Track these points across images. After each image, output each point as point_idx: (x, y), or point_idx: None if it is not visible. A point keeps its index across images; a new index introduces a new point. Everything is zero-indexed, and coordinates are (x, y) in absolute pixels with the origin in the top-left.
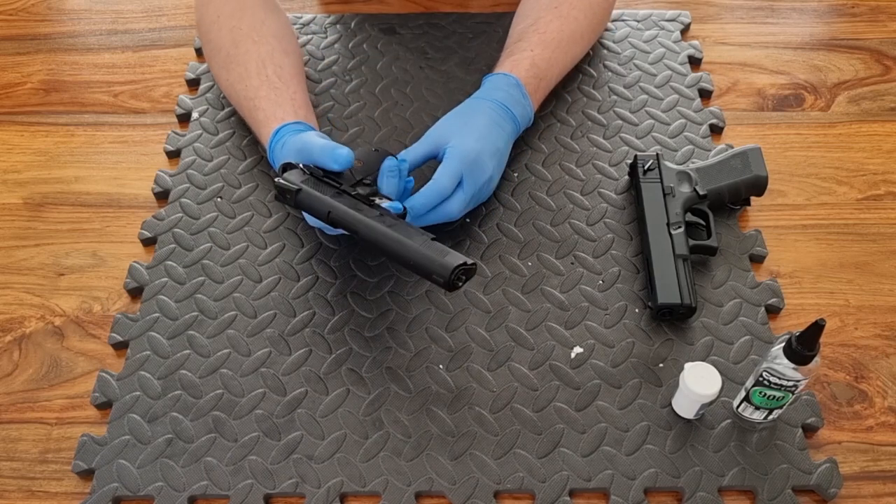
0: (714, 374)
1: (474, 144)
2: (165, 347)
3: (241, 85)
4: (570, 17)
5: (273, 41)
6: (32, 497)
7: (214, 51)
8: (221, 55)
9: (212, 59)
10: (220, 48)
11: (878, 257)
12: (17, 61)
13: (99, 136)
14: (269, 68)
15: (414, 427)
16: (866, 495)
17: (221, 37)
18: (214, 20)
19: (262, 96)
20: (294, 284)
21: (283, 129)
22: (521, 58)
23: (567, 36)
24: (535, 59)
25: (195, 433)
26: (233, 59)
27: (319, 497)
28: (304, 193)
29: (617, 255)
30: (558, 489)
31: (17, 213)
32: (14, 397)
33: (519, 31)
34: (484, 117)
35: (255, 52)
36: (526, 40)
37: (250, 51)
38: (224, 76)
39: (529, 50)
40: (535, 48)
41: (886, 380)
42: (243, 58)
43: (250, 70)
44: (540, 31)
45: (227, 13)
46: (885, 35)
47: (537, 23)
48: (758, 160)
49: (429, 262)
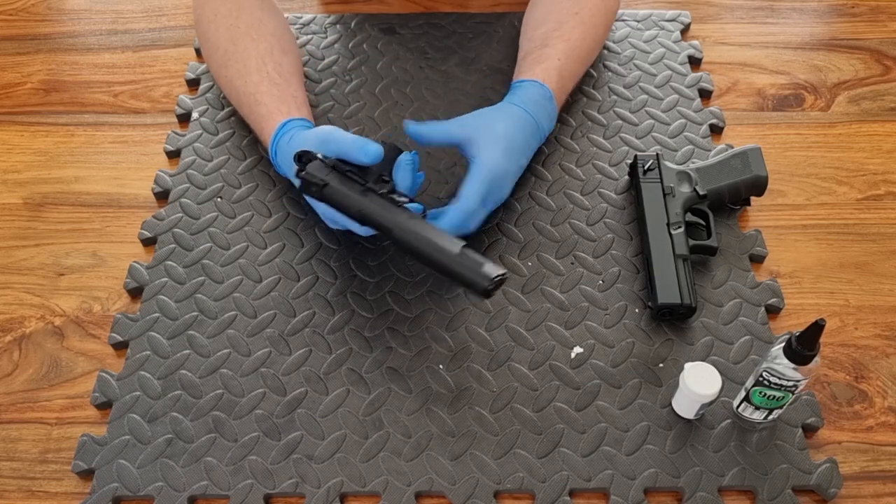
0: (714, 374)
1: (503, 163)
2: (165, 347)
3: (240, 81)
4: (591, 23)
5: (272, 39)
6: (32, 497)
7: (212, 49)
8: (219, 53)
9: (210, 58)
10: (218, 46)
11: (878, 257)
12: (17, 61)
13: (99, 136)
14: (268, 65)
15: (414, 427)
16: (866, 495)
17: (219, 35)
18: (212, 19)
19: (263, 91)
20: (294, 284)
21: (289, 124)
22: (550, 67)
23: (588, 45)
24: (562, 70)
25: (195, 433)
26: (231, 57)
27: (319, 497)
28: (332, 188)
29: (617, 255)
30: (558, 489)
31: (17, 213)
32: (14, 397)
33: (541, 34)
34: (520, 133)
35: (253, 50)
36: (552, 47)
37: (249, 48)
38: (223, 73)
39: (557, 59)
40: (562, 57)
41: (886, 380)
42: (242, 55)
43: (250, 66)
44: (564, 38)
45: (224, 12)
46: (885, 35)
47: (560, 28)
48: (758, 160)
49: (467, 272)
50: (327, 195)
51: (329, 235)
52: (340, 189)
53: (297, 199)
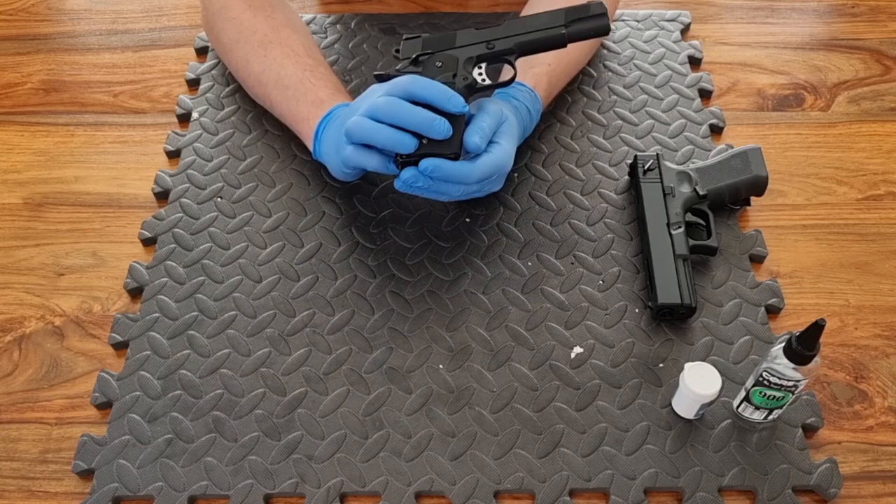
0: (714, 374)
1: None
2: (165, 347)
3: (288, 61)
4: None
5: (309, 38)
6: (32, 497)
7: (248, 32)
8: (258, 35)
9: (242, 39)
10: (257, 30)
11: (878, 257)
12: (17, 61)
13: (99, 136)
14: (313, 56)
15: (414, 427)
16: (866, 495)
17: (257, 21)
18: (246, 8)
19: (321, 72)
20: (294, 284)
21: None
22: (541, 72)
23: (579, 48)
24: (551, 76)
25: (195, 433)
26: (273, 41)
27: (319, 497)
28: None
29: (617, 255)
30: (558, 489)
31: (17, 213)
32: (14, 397)
33: None
34: (517, 130)
35: (297, 39)
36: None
37: (292, 37)
38: (261, 52)
39: (547, 64)
40: (552, 62)
41: (886, 380)
42: (287, 41)
43: (298, 51)
44: None
45: (259, 5)
46: (885, 35)
47: None
48: (758, 160)
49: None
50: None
51: (329, 235)
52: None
53: (298, 199)
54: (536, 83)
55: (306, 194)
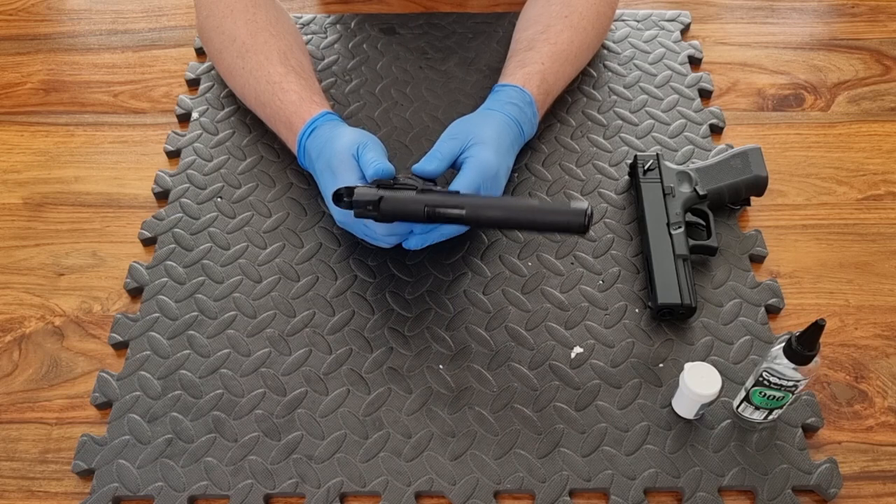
0: (714, 374)
1: (494, 160)
2: (165, 347)
3: (261, 71)
4: (580, 27)
5: (290, 38)
6: (32, 497)
7: (228, 41)
8: (237, 44)
9: (224, 50)
10: (235, 38)
11: (878, 257)
12: (17, 61)
13: (99, 136)
14: (292, 60)
15: (414, 427)
16: (866, 495)
17: (237, 27)
18: (227, 13)
19: (292, 80)
20: (294, 284)
21: (321, 118)
22: (533, 71)
23: (576, 48)
24: (546, 74)
25: (195, 433)
26: (250, 49)
27: (319, 497)
28: (389, 198)
29: (617, 255)
30: (558, 489)
31: (17, 213)
32: (14, 397)
33: (528, 36)
34: (506, 136)
35: (274, 44)
36: (536, 50)
37: (269, 42)
38: (239, 65)
39: (540, 63)
40: (546, 61)
41: (886, 380)
42: (262, 47)
43: (272, 58)
44: (551, 41)
45: (240, 7)
46: (885, 35)
47: (548, 31)
48: (758, 160)
49: (559, 215)
50: (386, 207)
51: (329, 235)
52: (397, 195)
53: (298, 199)
54: (526, 82)
55: (306, 194)
